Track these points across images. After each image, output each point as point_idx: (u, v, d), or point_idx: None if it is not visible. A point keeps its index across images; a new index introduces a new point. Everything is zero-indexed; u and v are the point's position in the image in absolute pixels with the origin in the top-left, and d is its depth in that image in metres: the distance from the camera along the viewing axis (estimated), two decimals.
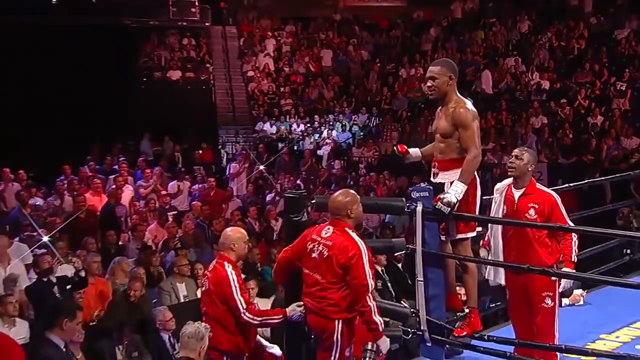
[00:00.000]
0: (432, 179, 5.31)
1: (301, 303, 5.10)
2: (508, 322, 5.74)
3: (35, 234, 9.83)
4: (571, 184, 7.03)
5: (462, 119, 5.08)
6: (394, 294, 8.73)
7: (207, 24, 23.20)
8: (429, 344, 5.32)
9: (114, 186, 12.26)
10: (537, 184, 5.43)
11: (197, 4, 22.98)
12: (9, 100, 18.23)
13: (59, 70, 19.05)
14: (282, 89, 20.81)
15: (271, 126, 19.36)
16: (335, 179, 15.71)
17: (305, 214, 5.29)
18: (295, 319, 5.12)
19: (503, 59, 19.93)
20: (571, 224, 5.31)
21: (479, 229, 5.52)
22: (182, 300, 8.33)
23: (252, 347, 5.21)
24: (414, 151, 5.62)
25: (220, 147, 18.91)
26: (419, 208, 5.17)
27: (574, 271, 5.15)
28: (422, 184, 5.44)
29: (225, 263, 5.07)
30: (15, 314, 6.92)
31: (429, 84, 5.21)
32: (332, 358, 4.80)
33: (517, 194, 5.30)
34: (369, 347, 4.40)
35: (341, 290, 4.72)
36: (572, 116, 16.87)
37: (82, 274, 7.32)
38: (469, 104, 5.24)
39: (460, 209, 5.03)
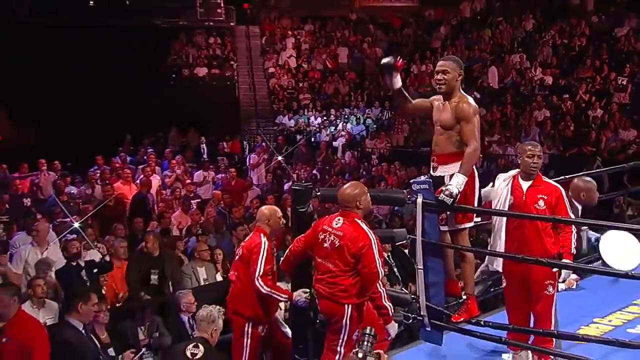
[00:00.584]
0: (431, 172, 5.21)
1: (307, 290, 5.07)
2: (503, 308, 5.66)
3: (67, 220, 9.88)
4: (567, 176, 6.89)
5: (464, 113, 4.97)
6: (400, 278, 8.68)
7: (231, 23, 23.15)
8: (429, 329, 5.25)
9: (142, 176, 12.26)
10: (542, 176, 5.30)
11: (222, 5, 23.02)
12: (50, 96, 18.25)
13: (94, 67, 19.12)
14: (300, 85, 20.73)
15: (289, 119, 19.28)
16: (349, 169, 15.64)
17: (310, 205, 5.22)
18: (299, 304, 5.10)
19: (509, 55, 19.76)
20: (572, 216, 5.25)
21: (477, 219, 5.42)
22: (202, 283, 8.27)
23: (271, 321, 5.27)
24: (398, 80, 5.20)
25: (242, 139, 18.76)
26: (419, 200, 5.07)
27: (572, 262, 5.05)
28: (423, 177, 5.34)
29: (261, 234, 5.20)
30: (44, 296, 6.91)
31: (439, 77, 5.05)
32: (341, 340, 4.80)
33: (525, 185, 5.16)
34: (368, 331, 4.30)
35: (352, 277, 4.70)
36: (573, 109, 16.68)
37: (107, 258, 7.29)
38: (471, 99, 5.13)
39: (459, 200, 4.91)
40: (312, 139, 18.11)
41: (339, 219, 4.81)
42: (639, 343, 4.90)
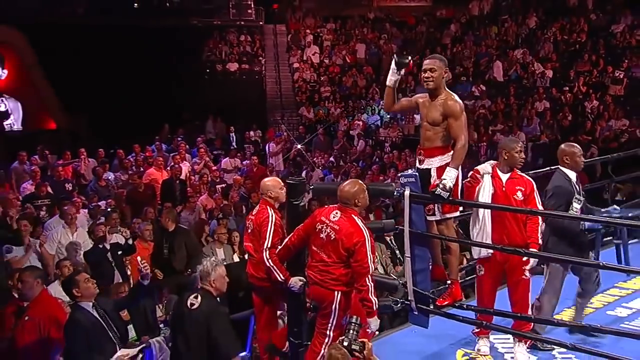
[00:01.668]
0: (417, 165, 4.98)
1: (303, 279, 4.90)
2: None
3: (101, 203, 9.82)
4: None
5: (452, 110, 4.76)
6: (402, 260, 8.47)
7: (260, 23, 22.83)
8: (416, 313, 5.07)
9: (172, 163, 12.14)
10: (517, 171, 5.17)
11: (252, 6, 22.71)
12: (99, 90, 18.24)
13: (138, 63, 19.06)
14: (322, 78, 20.41)
15: (309, 112, 18.99)
16: (363, 156, 15.37)
17: (304, 198, 5.02)
18: (293, 289, 4.92)
19: (513, 50, 19.27)
20: (541, 207, 5.09)
21: (461, 209, 5.17)
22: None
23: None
24: (398, 79, 5.04)
25: (268, 128, 18.54)
26: (407, 192, 4.87)
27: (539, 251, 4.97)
28: (409, 171, 5.11)
29: (268, 207, 5.09)
30: None
31: (427, 75, 4.85)
32: (330, 325, 4.65)
33: (504, 177, 5.07)
34: (354, 320, 4.12)
35: (344, 268, 4.56)
36: (571, 101, 16.26)
37: (130, 241, 7.17)
38: (456, 96, 4.90)
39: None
40: (331, 129, 17.82)
41: (336, 213, 4.64)
42: (610, 328, 4.64)
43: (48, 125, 20.14)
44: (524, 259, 4.91)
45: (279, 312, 5.49)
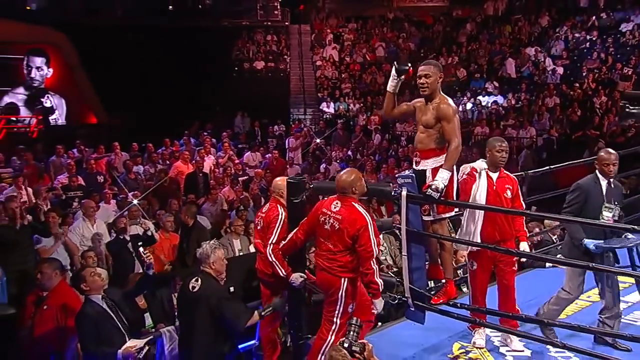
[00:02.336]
0: (414, 166, 4.82)
1: (303, 275, 4.77)
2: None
3: (130, 194, 9.76)
4: (552, 167, 6.42)
5: (445, 113, 4.57)
6: None
7: (286, 23, 22.67)
8: (413, 309, 4.89)
9: (197, 157, 12.08)
10: (503, 170, 5.06)
11: (279, 7, 22.55)
12: (135, 88, 18.29)
13: (172, 62, 19.07)
14: (343, 75, 20.18)
15: (328, 107, 18.77)
16: (380, 150, 15.14)
17: (304, 197, 4.85)
18: (294, 284, 4.80)
19: (525, 48, 18.81)
20: (523, 204, 5.12)
21: (456, 209, 4.99)
22: (236, 254, 8.05)
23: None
24: (398, 85, 4.80)
25: (291, 123, 18.40)
26: (404, 192, 4.68)
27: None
28: (406, 172, 4.93)
29: (278, 205, 5.01)
30: (95, 265, 6.77)
31: (422, 81, 4.65)
32: (337, 312, 4.49)
33: (494, 176, 4.95)
34: (354, 321, 3.96)
35: (350, 255, 4.42)
36: (580, 97, 15.80)
37: (150, 233, 7.09)
38: (450, 100, 4.71)
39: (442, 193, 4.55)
40: (350, 123, 17.60)
41: (337, 203, 4.49)
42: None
43: (89, 120, 20.29)
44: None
45: None
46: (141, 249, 5.20)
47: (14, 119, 18.87)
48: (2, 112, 18.63)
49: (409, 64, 4.78)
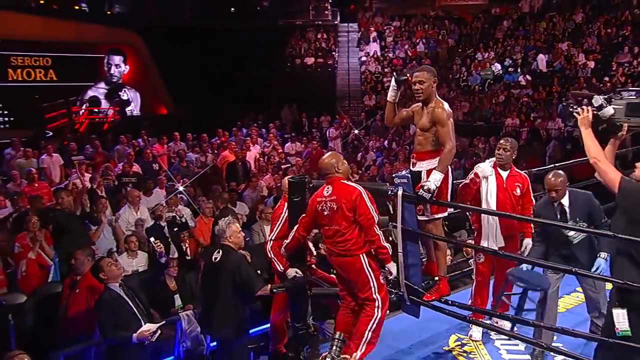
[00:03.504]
0: (411, 167, 4.48)
1: (299, 271, 4.52)
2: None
3: (184, 179, 9.72)
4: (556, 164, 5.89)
5: (439, 118, 4.23)
6: None
7: (335, 22, 22.19)
8: (408, 303, 4.58)
9: (241, 147, 11.92)
10: (514, 168, 4.87)
11: (329, 7, 22.14)
12: (200, 82, 18.34)
13: (232, 60, 19.05)
14: (385, 70, 19.60)
15: (370, 100, 18.24)
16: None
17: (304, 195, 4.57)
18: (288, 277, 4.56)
19: (559, 44, 17.75)
20: (534, 201, 4.83)
21: (450, 210, 4.65)
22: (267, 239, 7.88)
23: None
24: (398, 95, 4.50)
25: (336, 115, 18.04)
26: (400, 192, 4.36)
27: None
28: (403, 172, 4.59)
29: (285, 203, 4.74)
30: (136, 249, 6.76)
31: (417, 87, 4.31)
32: (373, 288, 4.10)
33: (504, 174, 4.77)
34: (337, 336, 3.68)
35: (356, 229, 4.07)
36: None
37: (183, 220, 6.98)
38: (445, 105, 4.35)
39: (435, 194, 4.21)
40: None
41: (328, 188, 4.19)
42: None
43: (160, 111, 20.59)
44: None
45: None
46: (152, 239, 5.05)
47: (96, 110, 19.34)
48: (87, 104, 19.16)
49: (407, 75, 4.42)
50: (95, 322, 4.98)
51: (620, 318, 3.18)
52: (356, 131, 14.33)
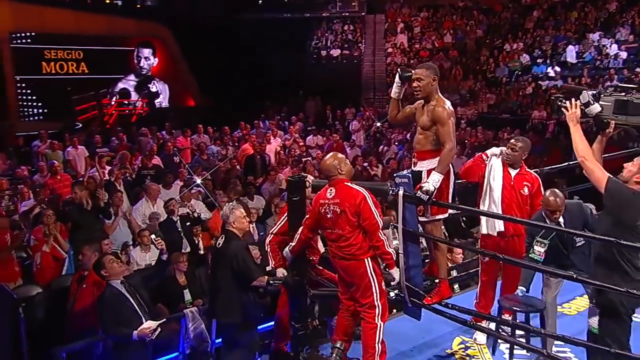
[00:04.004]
0: (412, 167, 4.33)
1: (285, 272, 4.51)
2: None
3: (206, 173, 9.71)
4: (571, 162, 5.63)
5: (439, 117, 4.08)
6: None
7: (362, 13, 21.85)
8: (410, 305, 4.45)
9: (262, 140, 11.85)
10: (525, 167, 4.73)
11: None
12: (226, 74, 18.35)
13: (259, 52, 18.97)
14: (411, 61, 19.22)
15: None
16: None
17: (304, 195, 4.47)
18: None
19: (590, 34, 17.11)
20: None
21: (452, 211, 4.50)
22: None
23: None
24: (401, 92, 4.41)
25: (361, 107, 17.81)
26: (400, 192, 4.21)
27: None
28: (404, 172, 4.45)
29: None
30: (149, 244, 6.76)
31: (415, 84, 4.18)
32: (375, 294, 4.01)
33: (513, 172, 4.61)
34: (338, 345, 3.59)
35: (361, 234, 3.96)
36: None
37: (195, 214, 6.96)
38: (447, 103, 4.19)
39: (435, 195, 4.07)
40: None
41: (331, 189, 4.06)
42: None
43: (188, 103, 20.71)
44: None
45: None
46: (153, 236, 5.02)
47: (126, 102, 19.57)
48: (117, 96, 19.40)
49: (412, 71, 4.26)
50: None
51: (593, 315, 3.28)
52: (378, 124, 14.12)
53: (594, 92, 3.36)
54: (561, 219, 4.20)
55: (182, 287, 6.20)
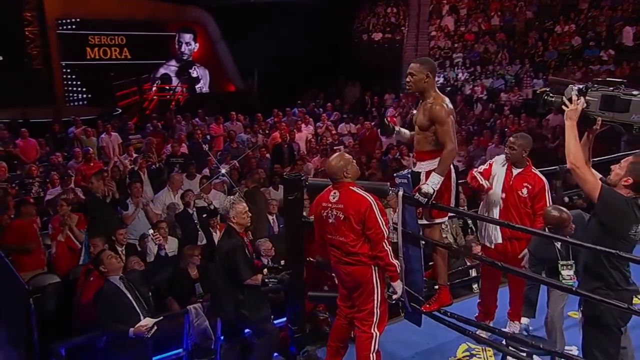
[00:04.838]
0: (412, 168, 4.14)
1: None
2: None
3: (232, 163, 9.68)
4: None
5: (437, 116, 3.87)
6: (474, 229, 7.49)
7: None
8: (410, 311, 4.28)
9: (293, 127, 11.70)
10: (532, 167, 4.46)
11: None
12: (268, 60, 18.27)
13: (300, 36, 18.74)
14: (455, 45, 18.64)
15: (438, 76, 17.42)
16: (480, 120, 13.84)
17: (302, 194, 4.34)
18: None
19: None
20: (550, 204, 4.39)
21: (452, 214, 4.29)
22: None
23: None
24: (404, 132, 4.34)
25: (400, 93, 17.35)
26: (400, 193, 4.04)
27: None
28: (404, 172, 4.25)
29: None
30: (166, 235, 6.78)
31: (407, 79, 4.02)
32: (376, 302, 3.87)
33: (515, 171, 4.42)
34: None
35: (366, 242, 3.79)
36: None
37: (212, 207, 6.93)
38: (445, 100, 3.96)
39: (435, 197, 3.88)
40: (458, 93, 16.24)
41: (335, 193, 3.87)
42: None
43: (228, 89, 20.80)
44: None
45: None
46: (151, 231, 5.01)
47: (166, 87, 19.84)
48: (159, 81, 19.70)
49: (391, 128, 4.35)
50: None
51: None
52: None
53: (581, 86, 3.11)
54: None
55: (194, 281, 6.19)
